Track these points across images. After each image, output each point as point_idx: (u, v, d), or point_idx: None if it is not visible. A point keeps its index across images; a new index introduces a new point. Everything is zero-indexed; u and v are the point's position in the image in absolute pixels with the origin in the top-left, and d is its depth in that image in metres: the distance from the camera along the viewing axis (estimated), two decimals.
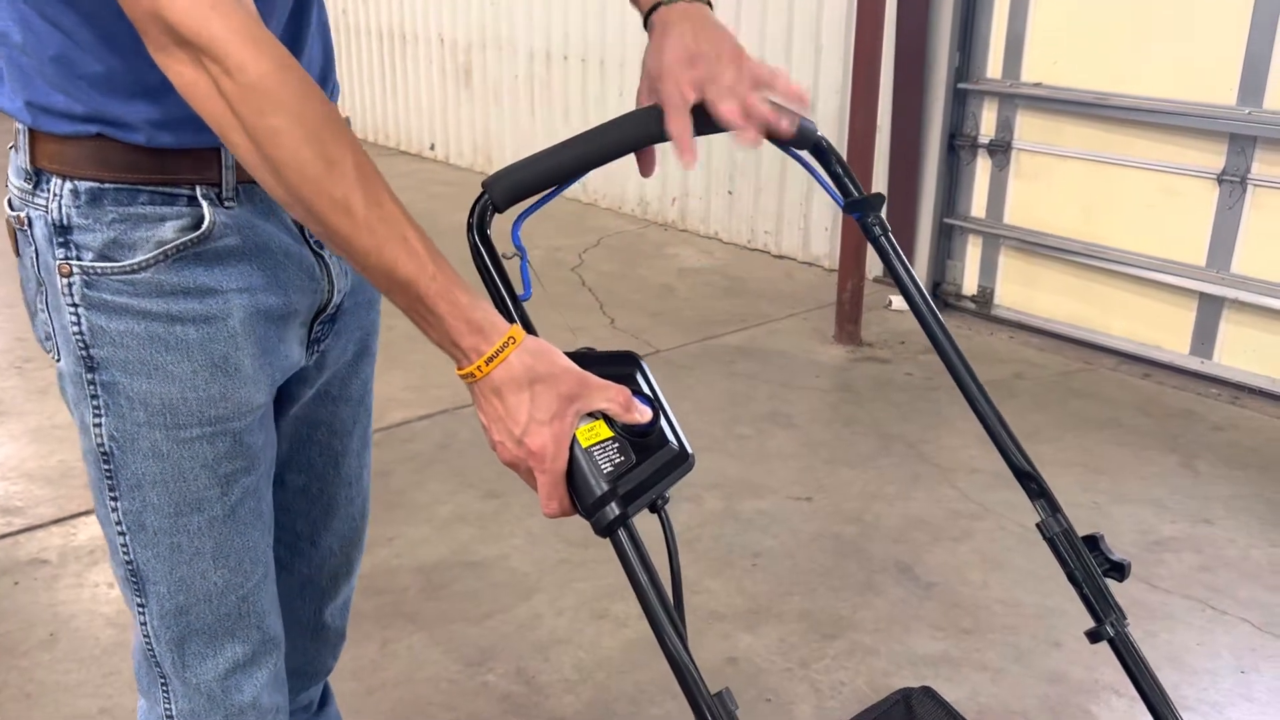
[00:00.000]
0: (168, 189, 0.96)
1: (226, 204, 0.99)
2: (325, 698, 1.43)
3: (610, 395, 0.93)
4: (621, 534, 0.91)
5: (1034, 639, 2.30)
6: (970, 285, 4.28)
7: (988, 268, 4.21)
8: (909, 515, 2.83)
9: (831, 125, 4.57)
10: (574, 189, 6.31)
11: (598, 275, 4.78)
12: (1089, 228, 3.86)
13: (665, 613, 0.89)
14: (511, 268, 0.99)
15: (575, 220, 5.62)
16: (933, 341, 1.18)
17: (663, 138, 1.02)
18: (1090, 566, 1.11)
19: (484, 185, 0.98)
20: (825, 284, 4.57)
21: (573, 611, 2.40)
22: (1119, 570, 1.11)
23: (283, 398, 1.16)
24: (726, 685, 0.90)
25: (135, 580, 1.06)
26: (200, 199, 0.98)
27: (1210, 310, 3.61)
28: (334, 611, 1.35)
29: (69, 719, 2.05)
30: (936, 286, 4.35)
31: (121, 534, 1.04)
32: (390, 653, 2.24)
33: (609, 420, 0.93)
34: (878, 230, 1.19)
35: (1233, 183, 3.46)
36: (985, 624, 2.35)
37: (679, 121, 1.00)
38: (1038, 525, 1.13)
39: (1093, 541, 1.12)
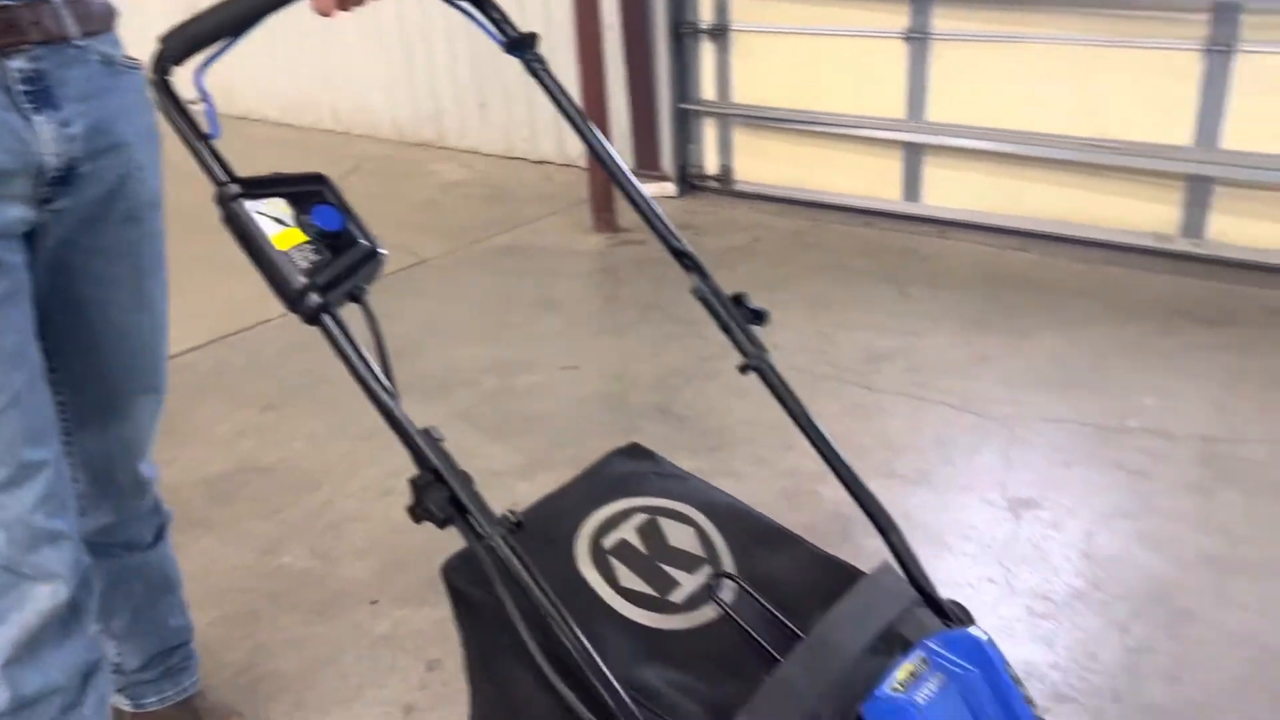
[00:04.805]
0: None
1: None
2: (161, 534, 1.63)
3: None
4: (328, 321, 1.08)
5: (771, 446, 2.63)
6: (712, 165, 4.59)
7: (724, 147, 4.52)
8: (665, 366, 3.12)
9: (564, 26, 4.73)
10: (324, 118, 6.20)
11: (358, 198, 4.67)
12: (804, 97, 4.21)
13: (373, 375, 1.07)
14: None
15: (330, 150, 5.58)
16: (608, 170, 1.38)
17: None
18: (736, 316, 1.36)
19: (160, 40, 1.10)
20: (583, 181, 4.75)
21: (360, 494, 2.55)
22: (759, 316, 1.37)
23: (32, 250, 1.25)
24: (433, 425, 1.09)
25: None
26: None
27: (914, 158, 4.05)
28: (129, 465, 1.50)
29: None
30: (684, 171, 4.63)
31: None
32: (183, 555, 2.28)
33: (304, 228, 1.09)
34: (538, 66, 1.39)
35: (917, 39, 3.86)
36: (731, 441, 2.67)
37: None
38: (691, 290, 1.38)
39: (738, 299, 1.38)
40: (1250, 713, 1.75)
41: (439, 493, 1.04)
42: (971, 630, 1.16)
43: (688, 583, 1.25)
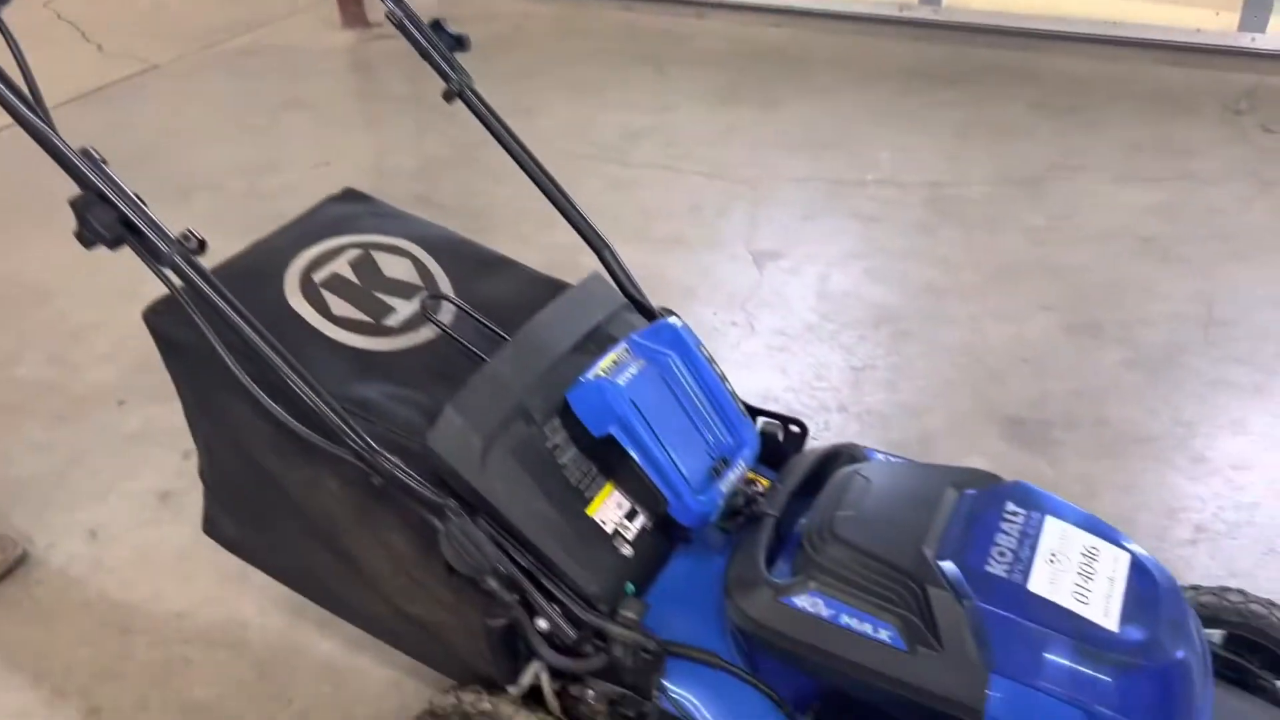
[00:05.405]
0: None
1: None
2: None
3: None
4: None
5: (535, 225, 2.63)
6: None
7: None
8: (424, 157, 3.04)
9: None
10: None
11: (74, 6, 4.33)
12: None
13: (15, 93, 0.99)
14: None
15: None
16: None
17: None
18: (436, 42, 1.33)
19: None
20: None
21: (98, 301, 2.40)
22: (460, 42, 1.35)
23: None
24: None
25: None
26: None
27: None
28: None
29: None
30: None
31: None
32: None
33: None
34: None
35: None
36: (496, 221, 2.66)
37: None
38: (386, 16, 1.33)
39: (437, 24, 1.35)
40: (955, 405, 1.97)
41: (105, 213, 0.99)
42: (669, 320, 1.23)
43: (404, 308, 1.27)
